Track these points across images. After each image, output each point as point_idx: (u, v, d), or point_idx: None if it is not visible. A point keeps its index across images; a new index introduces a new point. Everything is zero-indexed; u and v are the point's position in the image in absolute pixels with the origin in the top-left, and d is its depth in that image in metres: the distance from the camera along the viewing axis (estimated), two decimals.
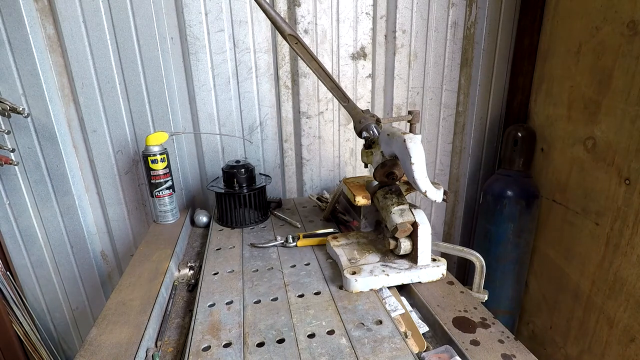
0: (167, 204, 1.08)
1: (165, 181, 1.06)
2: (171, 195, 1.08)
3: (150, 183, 1.05)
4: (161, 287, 0.76)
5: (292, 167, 1.35)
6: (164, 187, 1.06)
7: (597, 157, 1.11)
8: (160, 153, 1.04)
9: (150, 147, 1.03)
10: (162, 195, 1.06)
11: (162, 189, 1.06)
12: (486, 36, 1.33)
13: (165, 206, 1.07)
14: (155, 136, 1.04)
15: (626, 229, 1.03)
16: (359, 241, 0.88)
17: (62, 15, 1.04)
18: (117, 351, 0.60)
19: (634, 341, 1.02)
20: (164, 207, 1.07)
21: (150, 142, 1.03)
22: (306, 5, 1.17)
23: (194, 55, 1.15)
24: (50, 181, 1.18)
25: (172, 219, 1.09)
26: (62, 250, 1.27)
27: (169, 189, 1.07)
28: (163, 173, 1.05)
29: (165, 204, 1.07)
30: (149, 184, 1.06)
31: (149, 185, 1.06)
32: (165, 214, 1.08)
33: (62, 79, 1.12)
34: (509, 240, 1.35)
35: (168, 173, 1.06)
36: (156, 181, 1.05)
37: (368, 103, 1.34)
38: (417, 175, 0.66)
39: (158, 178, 1.04)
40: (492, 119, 1.46)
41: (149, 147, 1.03)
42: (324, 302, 0.71)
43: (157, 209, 1.08)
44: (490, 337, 0.62)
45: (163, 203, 1.07)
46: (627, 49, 0.99)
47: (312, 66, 0.78)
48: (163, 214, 1.08)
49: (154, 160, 1.03)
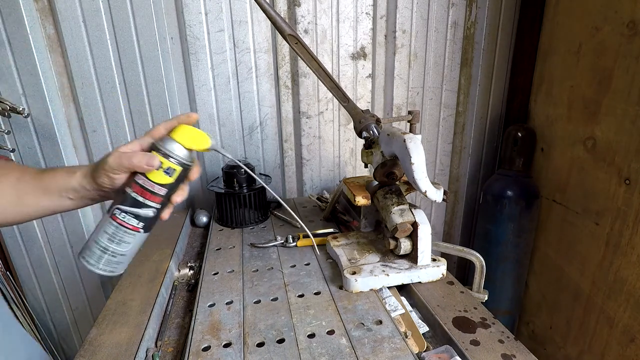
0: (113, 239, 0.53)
1: (144, 202, 0.53)
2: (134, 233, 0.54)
3: (122, 191, 0.53)
4: (161, 287, 0.76)
5: (292, 167, 1.35)
6: (136, 212, 0.53)
7: (597, 157, 1.11)
8: (179, 162, 0.53)
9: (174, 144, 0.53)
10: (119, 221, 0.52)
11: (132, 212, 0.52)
12: (486, 36, 1.33)
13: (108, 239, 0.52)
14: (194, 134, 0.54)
15: (626, 229, 1.03)
16: (359, 241, 0.88)
17: (62, 15, 1.04)
18: (117, 351, 0.60)
19: (634, 341, 1.02)
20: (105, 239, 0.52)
21: (179, 136, 0.54)
22: (306, 5, 1.17)
23: (194, 55, 1.15)
24: None
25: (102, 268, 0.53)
26: (62, 250, 1.27)
27: (142, 221, 0.53)
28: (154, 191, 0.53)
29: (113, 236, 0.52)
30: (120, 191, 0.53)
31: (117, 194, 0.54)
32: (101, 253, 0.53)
33: (62, 79, 1.11)
34: (509, 240, 1.35)
35: (162, 198, 0.54)
36: (134, 194, 0.52)
37: (368, 103, 1.34)
38: (417, 175, 0.66)
39: (140, 191, 0.52)
40: (492, 119, 1.46)
41: (173, 142, 0.53)
42: (324, 302, 0.71)
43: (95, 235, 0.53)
44: (490, 337, 0.62)
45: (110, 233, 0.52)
46: (627, 49, 0.99)
47: (312, 66, 0.77)
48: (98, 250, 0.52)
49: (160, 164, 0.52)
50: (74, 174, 0.54)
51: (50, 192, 0.55)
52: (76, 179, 0.54)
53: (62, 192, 0.55)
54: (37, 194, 0.55)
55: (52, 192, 0.55)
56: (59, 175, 0.55)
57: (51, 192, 0.55)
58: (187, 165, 0.54)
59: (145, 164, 0.51)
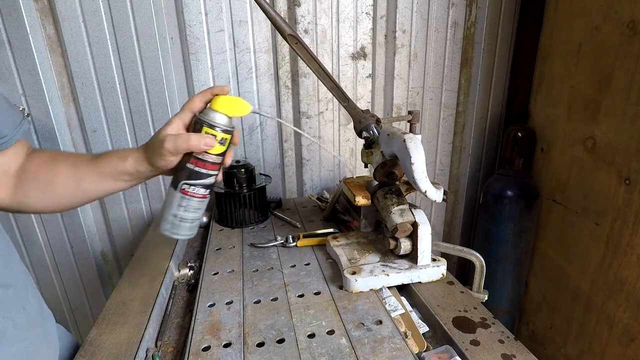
0: (192, 210, 0.62)
1: (208, 174, 0.60)
2: (204, 199, 0.62)
3: (185, 168, 0.60)
4: (161, 287, 0.76)
5: (292, 167, 1.35)
6: (202, 183, 0.61)
7: (597, 157, 1.11)
8: (225, 131, 0.59)
9: (218, 115, 0.59)
10: (191, 194, 0.60)
11: (199, 184, 0.60)
12: (486, 36, 1.33)
13: (187, 211, 0.61)
14: (234, 103, 0.60)
15: (626, 229, 1.03)
16: (359, 241, 0.88)
17: (62, 15, 1.04)
18: (117, 351, 0.60)
19: (634, 341, 1.02)
20: (184, 212, 0.61)
21: (222, 107, 0.59)
22: (306, 5, 1.17)
23: (194, 55, 1.15)
24: None
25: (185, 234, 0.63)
26: (62, 250, 1.27)
27: (207, 188, 0.62)
28: (213, 161, 0.60)
29: (190, 207, 0.61)
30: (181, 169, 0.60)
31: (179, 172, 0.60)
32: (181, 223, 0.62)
33: (62, 79, 1.12)
34: (509, 240, 1.35)
35: (219, 164, 0.62)
36: (197, 168, 0.59)
37: (368, 103, 1.34)
38: (417, 175, 0.66)
39: (201, 165, 0.59)
40: (492, 119, 1.46)
41: (217, 113, 0.59)
42: (324, 302, 0.71)
43: (172, 211, 0.61)
44: (490, 337, 0.62)
45: (187, 207, 0.61)
46: (627, 49, 0.99)
47: (312, 66, 0.77)
48: (179, 221, 0.61)
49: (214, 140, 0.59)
50: (127, 159, 0.59)
51: (106, 176, 0.60)
52: (130, 164, 0.59)
53: (117, 176, 0.60)
54: (94, 179, 0.60)
55: (108, 177, 0.60)
56: (112, 160, 0.60)
57: (107, 176, 0.60)
58: (233, 131, 0.61)
59: (203, 144, 0.57)
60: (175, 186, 0.60)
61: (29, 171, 0.59)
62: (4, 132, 0.54)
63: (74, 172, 0.60)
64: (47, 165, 0.60)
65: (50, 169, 0.60)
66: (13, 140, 0.55)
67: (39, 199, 0.60)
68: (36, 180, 0.59)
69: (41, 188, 0.59)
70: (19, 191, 0.58)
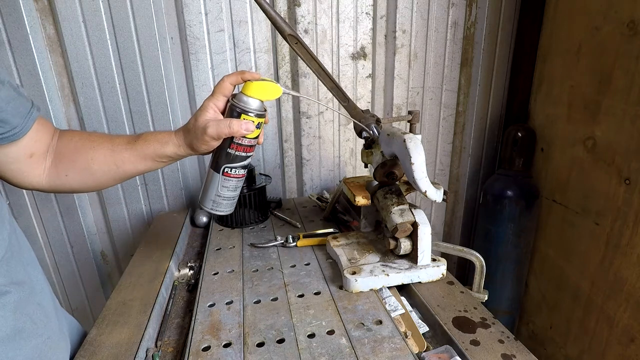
0: (232, 189, 0.71)
1: (247, 156, 0.68)
2: (242, 178, 0.71)
3: (226, 153, 0.66)
4: (161, 287, 0.76)
5: (292, 167, 1.35)
6: (242, 165, 0.68)
7: (597, 157, 1.11)
8: (259, 115, 0.65)
9: (252, 100, 0.64)
10: (233, 175, 0.68)
11: (239, 166, 0.68)
12: (486, 36, 1.33)
13: (229, 190, 0.70)
14: (267, 87, 0.64)
15: (626, 229, 1.03)
16: (359, 241, 0.88)
17: (62, 15, 1.04)
18: (117, 351, 0.60)
19: (634, 341, 1.02)
20: (226, 191, 0.70)
21: (256, 93, 0.63)
22: (306, 5, 1.17)
23: (194, 55, 1.15)
24: None
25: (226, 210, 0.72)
26: (62, 250, 1.27)
27: (246, 167, 0.70)
28: (251, 145, 0.67)
29: (231, 187, 0.70)
30: (221, 153, 0.67)
31: (220, 156, 0.67)
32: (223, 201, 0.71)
33: (62, 79, 1.12)
34: (509, 240, 1.35)
35: (254, 147, 0.69)
36: (237, 152, 0.66)
37: (368, 103, 1.34)
38: (417, 175, 0.66)
39: (241, 149, 0.66)
40: (492, 119, 1.46)
41: (251, 99, 0.64)
42: (324, 302, 0.71)
43: (215, 191, 0.70)
44: (490, 337, 0.62)
45: (229, 186, 0.69)
46: (627, 49, 0.99)
47: (312, 66, 0.77)
48: (221, 200, 0.70)
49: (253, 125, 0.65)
50: (167, 144, 0.64)
51: (147, 159, 0.64)
52: (171, 149, 0.64)
53: (157, 159, 0.65)
54: (133, 161, 0.64)
55: (148, 159, 0.64)
56: (153, 145, 0.64)
57: (147, 159, 0.64)
58: (265, 114, 0.66)
59: (244, 129, 0.62)
60: (215, 168, 0.67)
61: (66, 156, 0.62)
62: (15, 122, 0.54)
63: (112, 156, 0.63)
64: (84, 149, 0.63)
65: (88, 153, 0.63)
66: (25, 129, 0.56)
67: (77, 181, 0.64)
68: (74, 165, 0.63)
69: (79, 172, 0.63)
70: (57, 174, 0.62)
